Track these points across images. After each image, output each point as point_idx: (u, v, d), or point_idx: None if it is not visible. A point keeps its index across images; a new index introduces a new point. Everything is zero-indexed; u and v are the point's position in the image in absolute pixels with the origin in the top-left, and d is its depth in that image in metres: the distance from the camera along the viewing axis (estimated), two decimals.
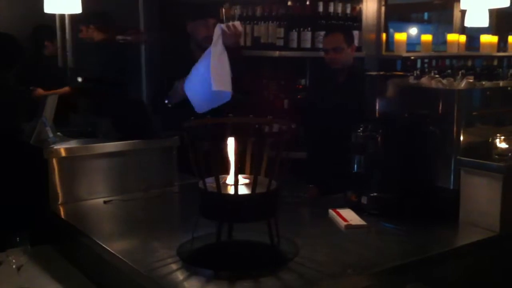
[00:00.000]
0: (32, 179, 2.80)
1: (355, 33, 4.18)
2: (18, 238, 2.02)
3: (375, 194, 2.49)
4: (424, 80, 2.62)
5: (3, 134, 2.91)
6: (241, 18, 4.47)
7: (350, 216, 2.38)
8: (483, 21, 5.20)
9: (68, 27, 5.07)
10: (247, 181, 1.92)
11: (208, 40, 3.34)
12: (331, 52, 3.32)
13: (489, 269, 2.26)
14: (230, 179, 1.91)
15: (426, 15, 7.73)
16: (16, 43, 3.14)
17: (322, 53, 3.51)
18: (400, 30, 5.03)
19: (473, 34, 5.83)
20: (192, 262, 1.92)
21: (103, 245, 2.13)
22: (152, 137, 2.93)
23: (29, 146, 2.79)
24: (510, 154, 2.34)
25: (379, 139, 2.48)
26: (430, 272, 2.06)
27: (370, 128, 2.50)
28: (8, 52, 3.09)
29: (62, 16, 5.00)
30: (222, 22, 3.26)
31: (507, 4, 3.58)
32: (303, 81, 4.40)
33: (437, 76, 2.69)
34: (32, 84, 4.45)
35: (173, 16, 4.35)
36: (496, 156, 2.35)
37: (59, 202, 2.69)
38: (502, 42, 5.69)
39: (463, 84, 2.50)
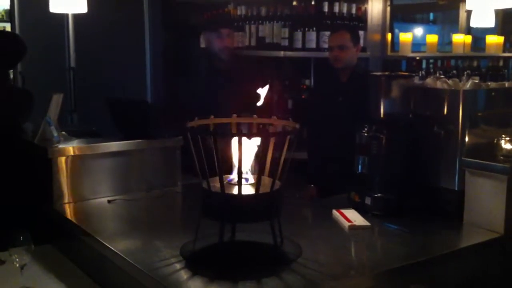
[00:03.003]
0: (35, 178, 2.80)
1: (360, 33, 4.16)
2: (21, 237, 2.02)
3: (379, 194, 2.48)
4: (429, 81, 2.61)
5: (6, 133, 2.91)
6: (246, 18, 4.47)
7: (354, 217, 2.37)
8: (489, 22, 5.17)
9: (72, 27, 5.08)
10: (251, 181, 1.92)
11: (224, 51, 3.38)
12: (336, 49, 3.30)
13: (493, 271, 2.25)
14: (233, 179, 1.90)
15: (431, 16, 7.70)
16: (19, 41, 3.14)
17: (326, 54, 3.50)
18: (405, 30, 5.01)
19: (478, 35, 5.80)
20: (195, 262, 1.92)
21: (106, 245, 2.14)
22: (155, 137, 2.93)
23: (33, 145, 2.79)
24: None
25: (383, 139, 2.47)
26: (434, 273, 2.05)
27: (374, 129, 2.50)
28: (11, 51, 3.09)
29: None
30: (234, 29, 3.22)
31: None
32: (307, 81, 4.38)
33: (442, 76, 2.68)
34: None
35: (176, 16, 4.34)
36: (501, 157, 2.34)
37: (63, 202, 2.69)
38: (508, 42, 5.65)
39: (468, 85, 2.49)
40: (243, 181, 1.85)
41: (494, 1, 3.85)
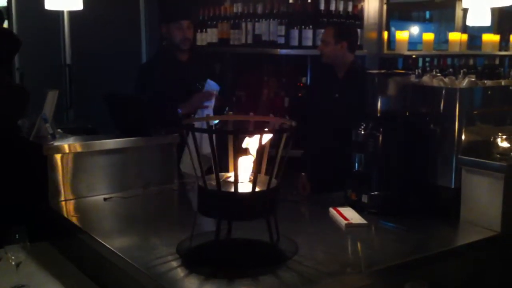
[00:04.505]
0: (31, 175, 2.79)
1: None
2: (17, 235, 2.02)
3: (375, 192, 2.48)
4: (426, 79, 2.61)
5: (1, 130, 2.90)
6: (242, 16, 4.46)
7: (350, 215, 2.37)
8: (485, 20, 5.18)
9: (67, 24, 5.07)
10: (247, 178, 1.91)
11: (185, 43, 3.44)
12: (320, 44, 3.41)
13: (489, 269, 2.25)
14: (230, 176, 1.90)
15: (427, 14, 7.71)
16: (15, 39, 3.12)
17: None
18: (402, 28, 5.00)
19: (474, 33, 5.81)
20: (191, 259, 1.92)
21: (102, 242, 2.13)
22: (152, 134, 2.93)
23: (29, 142, 2.78)
24: (511, 153, 2.33)
25: (380, 137, 2.47)
26: (430, 271, 2.05)
27: (371, 127, 2.50)
28: (7, 49, 3.07)
29: None
30: (197, 22, 3.28)
31: (509, 3, 3.57)
32: (304, 79, 4.38)
33: (438, 74, 2.68)
34: None
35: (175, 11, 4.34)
36: (497, 155, 2.34)
37: (59, 199, 2.68)
38: (504, 41, 5.66)
39: (464, 83, 2.50)
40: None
41: (490, 0, 3.86)
